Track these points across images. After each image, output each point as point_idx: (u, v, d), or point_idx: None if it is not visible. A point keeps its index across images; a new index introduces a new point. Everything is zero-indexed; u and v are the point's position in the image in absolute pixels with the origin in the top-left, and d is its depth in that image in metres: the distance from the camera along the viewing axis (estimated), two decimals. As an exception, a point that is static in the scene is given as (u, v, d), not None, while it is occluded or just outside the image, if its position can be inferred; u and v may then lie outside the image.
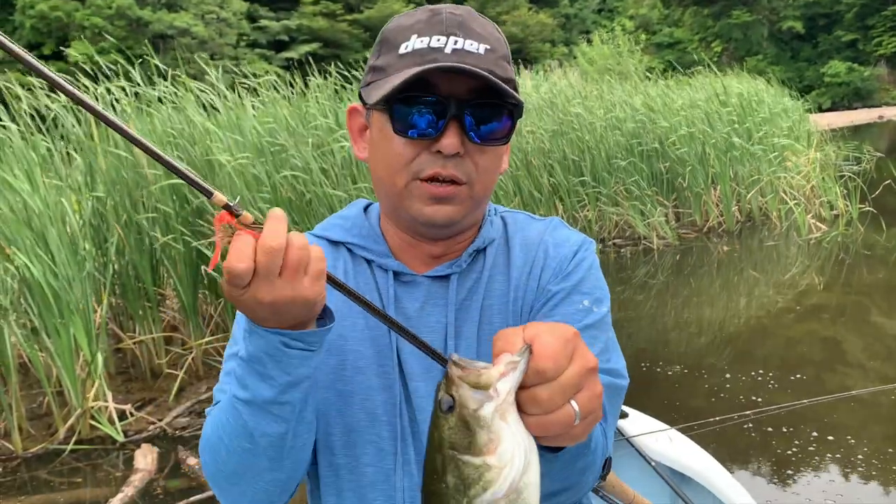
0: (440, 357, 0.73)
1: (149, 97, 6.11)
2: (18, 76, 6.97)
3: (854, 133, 18.98)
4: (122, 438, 4.61)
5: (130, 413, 4.89)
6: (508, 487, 0.58)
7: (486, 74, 0.85)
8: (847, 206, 9.95)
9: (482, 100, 0.87)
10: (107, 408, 4.75)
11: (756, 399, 4.20)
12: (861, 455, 3.53)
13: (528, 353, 0.61)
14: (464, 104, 0.87)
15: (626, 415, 2.72)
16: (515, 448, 0.59)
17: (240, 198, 0.72)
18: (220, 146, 5.59)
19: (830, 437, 3.71)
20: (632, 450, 2.52)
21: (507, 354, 0.61)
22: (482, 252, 1.01)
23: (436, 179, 0.89)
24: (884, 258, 7.85)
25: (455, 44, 0.87)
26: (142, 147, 0.70)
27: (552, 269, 0.98)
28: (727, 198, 10.42)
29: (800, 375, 4.65)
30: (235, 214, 0.70)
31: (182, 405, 5.08)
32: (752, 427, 3.89)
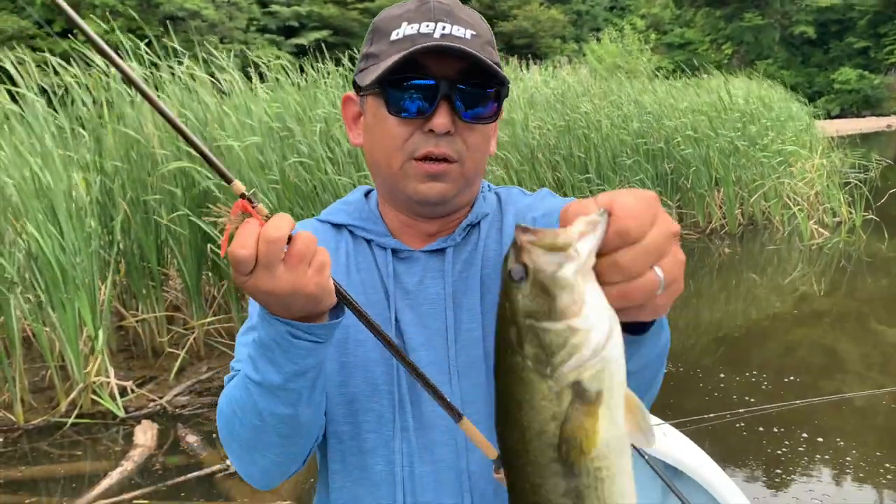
0: (452, 409, 0.79)
1: (164, 78, 6.14)
2: (29, 52, 6.98)
3: (862, 141, 18.95)
4: (123, 414, 4.67)
5: (131, 390, 4.95)
6: (593, 352, 0.53)
7: (474, 53, 0.90)
8: (850, 214, 9.97)
9: (471, 80, 0.92)
10: (108, 383, 4.81)
11: (749, 400, 4.25)
12: (850, 458, 3.58)
13: (608, 215, 0.55)
14: (453, 84, 0.91)
15: (621, 409, 2.77)
16: (600, 311, 0.54)
17: (255, 190, 0.76)
18: (227, 132, 5.62)
19: (820, 440, 3.76)
20: None
21: (584, 216, 0.55)
22: (476, 226, 1.05)
23: (429, 158, 0.94)
24: (886, 267, 7.88)
25: (443, 29, 0.92)
26: (179, 131, 0.74)
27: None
28: (730, 200, 10.44)
29: (794, 378, 4.70)
30: (252, 204, 0.73)
31: (182, 384, 5.14)
32: (745, 426, 3.94)
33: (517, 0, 47.40)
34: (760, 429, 3.93)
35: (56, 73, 5.88)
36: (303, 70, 7.39)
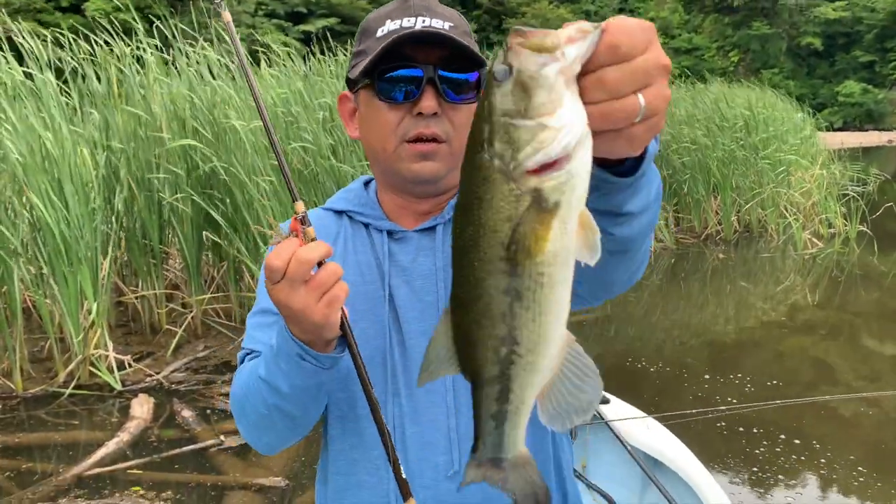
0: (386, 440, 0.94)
1: (173, 56, 6.21)
2: (34, 25, 7.01)
3: (863, 155, 19.05)
4: (120, 387, 4.76)
5: (129, 364, 5.04)
6: (562, 151, 0.54)
7: (452, 37, 1.00)
8: (846, 226, 10.08)
9: (452, 65, 1.02)
10: (107, 357, 4.90)
11: (731, 400, 4.36)
12: (824, 459, 3.69)
13: (602, 31, 0.54)
14: (436, 70, 1.01)
15: (608, 401, 2.87)
16: (574, 116, 0.54)
17: (304, 213, 0.90)
18: (235, 114, 5.69)
19: (797, 441, 3.88)
20: (610, 434, 2.67)
21: (578, 25, 0.55)
22: None
23: (420, 140, 1.03)
24: (878, 280, 7.97)
25: (423, 22, 1.02)
26: (273, 145, 0.94)
27: None
28: (727, 207, 10.54)
29: (776, 382, 4.81)
30: (303, 226, 0.88)
31: (179, 361, 5.24)
32: (725, 426, 4.06)
33: (527, -3, 47.36)
34: (740, 429, 4.04)
35: (62, 48, 5.93)
36: (306, 59, 7.45)
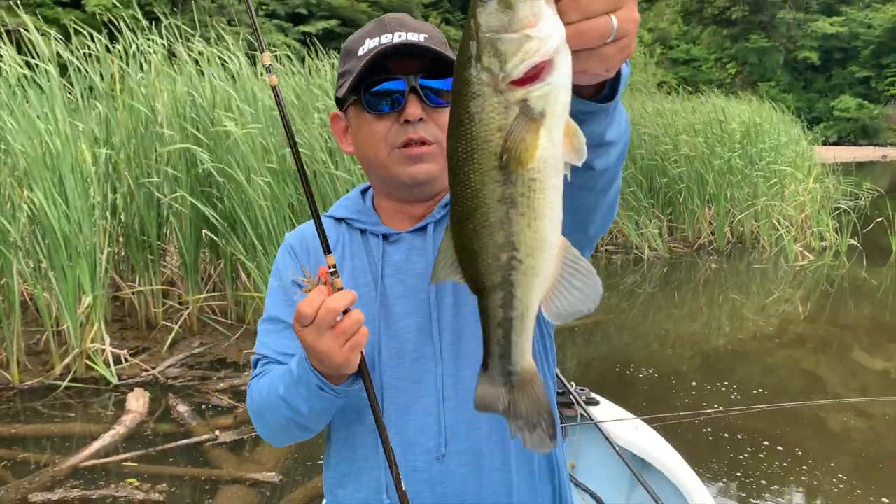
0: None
1: (172, 52, 6.26)
2: (34, 20, 7.07)
3: (857, 169, 19.20)
4: (116, 381, 4.81)
5: (125, 358, 5.09)
6: (545, 56, 0.59)
7: (429, 46, 1.09)
8: (837, 239, 10.20)
9: (431, 73, 1.09)
10: (103, 351, 4.95)
11: (717, 406, 4.44)
12: (805, 466, 3.77)
13: None
14: (418, 78, 1.08)
15: (598, 402, 2.93)
16: (554, 27, 0.60)
17: (335, 266, 1.04)
18: (232, 116, 5.74)
19: (780, 448, 3.96)
20: (599, 434, 2.73)
21: None
22: None
23: (409, 144, 1.11)
24: (868, 293, 8.07)
25: (400, 37, 1.09)
26: (302, 174, 1.10)
27: None
28: (720, 218, 10.65)
29: (763, 391, 4.89)
30: (332, 276, 1.01)
31: (175, 356, 5.29)
32: (711, 431, 4.14)
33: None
34: (725, 434, 4.12)
35: (61, 42, 5.98)
36: (304, 60, 7.52)
